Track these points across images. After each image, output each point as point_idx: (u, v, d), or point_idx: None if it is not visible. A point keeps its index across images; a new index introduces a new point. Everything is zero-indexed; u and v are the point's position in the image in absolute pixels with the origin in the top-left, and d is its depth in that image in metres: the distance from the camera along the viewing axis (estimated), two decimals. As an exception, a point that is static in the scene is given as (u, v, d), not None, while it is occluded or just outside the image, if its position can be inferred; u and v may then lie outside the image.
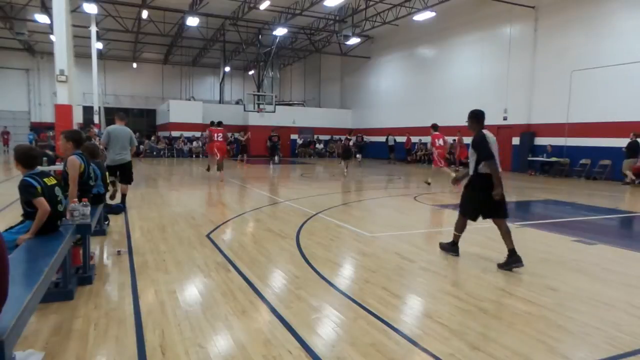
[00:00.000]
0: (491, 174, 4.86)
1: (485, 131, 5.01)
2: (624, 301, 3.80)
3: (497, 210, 4.93)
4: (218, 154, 13.39)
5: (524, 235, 6.56)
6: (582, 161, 16.22)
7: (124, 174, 7.86)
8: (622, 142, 14.78)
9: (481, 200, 4.96)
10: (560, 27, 17.03)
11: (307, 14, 23.01)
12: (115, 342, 2.92)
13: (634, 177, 14.16)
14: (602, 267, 4.84)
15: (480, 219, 4.99)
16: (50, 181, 3.79)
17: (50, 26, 19.07)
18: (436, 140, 13.54)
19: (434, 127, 13.72)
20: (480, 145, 4.89)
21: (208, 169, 14.96)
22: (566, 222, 7.80)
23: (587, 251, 5.58)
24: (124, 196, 7.96)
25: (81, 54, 28.13)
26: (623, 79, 14.88)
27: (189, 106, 30.05)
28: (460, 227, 5.23)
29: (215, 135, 13.72)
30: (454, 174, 10.93)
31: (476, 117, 5.10)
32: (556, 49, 17.16)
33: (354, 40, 26.01)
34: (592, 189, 13.04)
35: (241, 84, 41.07)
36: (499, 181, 4.89)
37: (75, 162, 4.68)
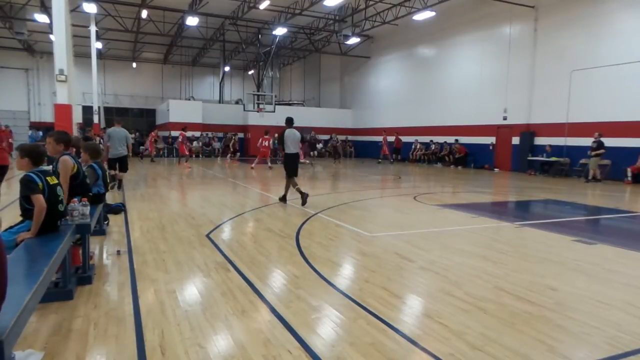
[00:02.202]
0: (293, 153, 9.01)
1: (287, 130, 8.98)
2: (624, 301, 3.80)
3: (294, 171, 9.04)
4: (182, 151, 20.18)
5: (524, 235, 6.56)
6: (582, 161, 16.20)
7: (122, 164, 10.45)
8: (622, 142, 14.83)
9: (289, 166, 9.02)
10: (559, 27, 17.04)
11: (306, 13, 23.01)
12: (115, 341, 2.92)
13: (599, 176, 14.60)
14: (602, 267, 4.84)
15: (477, 222, 5.02)
16: (53, 180, 3.77)
17: (50, 26, 19.02)
18: (264, 142, 18.92)
19: (265, 132, 19.31)
20: (279, 138, 9.33)
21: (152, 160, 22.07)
22: (566, 222, 7.80)
23: (587, 251, 5.58)
24: (120, 181, 10.52)
25: (81, 54, 28.10)
26: (622, 79, 14.89)
27: (188, 106, 30.05)
28: (293, 184, 8.97)
29: (181, 137, 20.42)
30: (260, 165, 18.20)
31: (286, 121, 9.25)
32: (556, 49, 17.17)
33: (353, 40, 26.01)
34: (591, 188, 13.05)
35: (241, 83, 41.07)
36: (285, 155, 9.19)
37: (68, 162, 4.49)
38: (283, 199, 9.18)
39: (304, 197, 8.66)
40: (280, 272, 4.51)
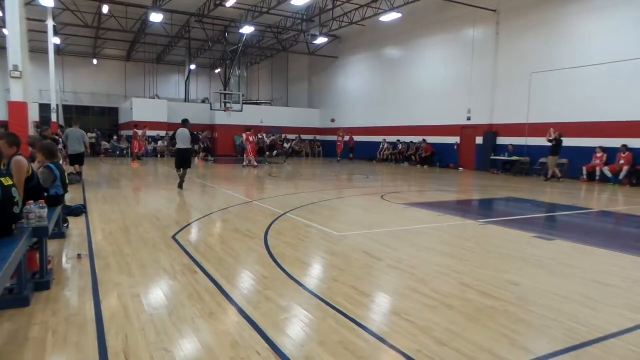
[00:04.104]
0: (182, 149, 10.80)
1: (179, 130, 10.74)
2: (580, 294, 3.97)
3: (185, 164, 10.87)
4: (137, 149, 22.64)
5: (488, 232, 6.76)
6: (542, 160, 16.85)
7: (80, 160, 11.93)
8: (579, 142, 15.48)
9: (178, 159, 10.91)
10: (520, 31, 17.65)
11: (274, 12, 22.90)
12: (76, 349, 2.81)
13: (559, 174, 15.02)
14: (560, 262, 5.04)
15: (443, 220, 5.10)
16: (7, 182, 3.58)
17: (3, 19, 18.13)
18: (250, 137, 19.53)
19: (248, 129, 20.12)
20: (172, 136, 11.49)
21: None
22: (527, 219, 8.09)
23: (547, 247, 5.80)
24: (80, 173, 11.88)
25: (37, 49, 26.97)
26: (579, 82, 15.57)
27: (153, 105, 29.29)
28: (178, 171, 10.95)
29: (134, 135, 22.65)
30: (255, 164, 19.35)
31: (182, 121, 10.98)
32: (517, 52, 17.78)
33: (321, 40, 26.09)
34: (550, 187, 13.58)
35: (207, 82, 40.46)
36: (176, 150, 11.08)
37: (22, 162, 4.19)
38: (180, 185, 10.86)
39: (181, 185, 10.87)
40: (249, 273, 4.47)
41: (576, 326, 3.26)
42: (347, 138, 25.26)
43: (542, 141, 16.86)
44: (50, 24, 22.26)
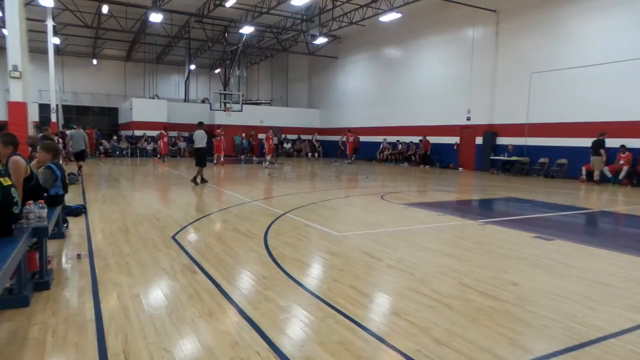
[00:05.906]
0: (199, 147, 12.34)
1: (197, 131, 12.43)
2: (580, 294, 3.97)
3: (202, 161, 12.10)
4: (163, 150, 22.65)
5: (487, 232, 6.76)
6: (541, 160, 16.87)
7: (82, 156, 13.56)
8: (578, 142, 15.49)
9: (197, 157, 12.21)
10: (520, 31, 17.66)
11: (274, 12, 22.90)
12: (75, 349, 2.81)
13: (597, 178, 14.24)
14: (559, 262, 5.04)
15: (443, 220, 5.11)
16: (6, 182, 3.58)
17: (2, 19, 18.13)
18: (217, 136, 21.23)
19: (217, 127, 21.83)
20: (193, 136, 12.87)
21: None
22: (526, 219, 8.09)
23: (546, 247, 5.80)
24: (80, 167, 13.21)
25: (37, 49, 26.95)
26: (578, 82, 15.58)
27: (153, 105, 29.30)
28: (199, 171, 11.96)
29: (165, 137, 22.57)
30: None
31: (198, 123, 12.60)
32: (516, 52, 17.78)
33: (321, 40, 26.08)
34: (550, 186, 13.59)
35: (207, 82, 40.45)
36: (194, 149, 12.79)
37: (20, 162, 4.20)
38: (194, 180, 11.93)
39: (196, 182, 11.82)
40: (248, 273, 4.47)
41: (575, 326, 3.26)
42: (351, 138, 24.90)
43: (541, 141, 16.93)
44: (49, 23, 22.27)
